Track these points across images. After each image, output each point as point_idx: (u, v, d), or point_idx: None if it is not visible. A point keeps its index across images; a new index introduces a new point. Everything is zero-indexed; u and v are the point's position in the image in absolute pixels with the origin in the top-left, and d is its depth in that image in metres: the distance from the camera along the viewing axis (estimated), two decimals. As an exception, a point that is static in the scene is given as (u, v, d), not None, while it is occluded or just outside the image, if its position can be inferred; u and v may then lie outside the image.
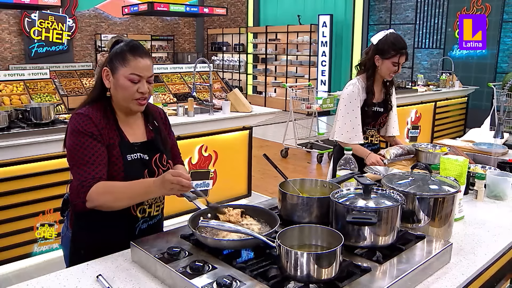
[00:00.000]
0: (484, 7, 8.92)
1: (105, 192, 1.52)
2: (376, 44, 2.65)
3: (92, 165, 1.53)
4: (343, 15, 11.18)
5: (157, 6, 9.89)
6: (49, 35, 11.85)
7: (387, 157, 2.62)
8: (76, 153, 1.55)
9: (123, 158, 1.61)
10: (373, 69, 2.69)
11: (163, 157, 1.73)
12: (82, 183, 1.52)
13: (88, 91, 10.65)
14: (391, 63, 2.62)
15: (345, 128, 2.70)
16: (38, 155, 3.25)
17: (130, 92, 1.59)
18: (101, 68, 1.64)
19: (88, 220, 1.66)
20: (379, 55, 2.64)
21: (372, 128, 2.84)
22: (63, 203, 1.78)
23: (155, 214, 1.76)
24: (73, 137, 1.57)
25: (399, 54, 2.60)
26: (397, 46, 2.59)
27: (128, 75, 1.58)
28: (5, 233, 3.21)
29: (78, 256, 1.61)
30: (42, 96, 6.46)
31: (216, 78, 7.14)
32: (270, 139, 8.24)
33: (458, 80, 7.85)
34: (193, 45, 15.35)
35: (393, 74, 2.68)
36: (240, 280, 1.21)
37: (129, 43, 1.62)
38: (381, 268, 1.31)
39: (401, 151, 2.66)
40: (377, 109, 2.77)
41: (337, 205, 1.44)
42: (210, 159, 4.34)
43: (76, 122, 1.58)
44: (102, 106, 1.64)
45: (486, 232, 1.75)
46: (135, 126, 1.72)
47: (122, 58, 1.58)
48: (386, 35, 2.64)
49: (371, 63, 2.68)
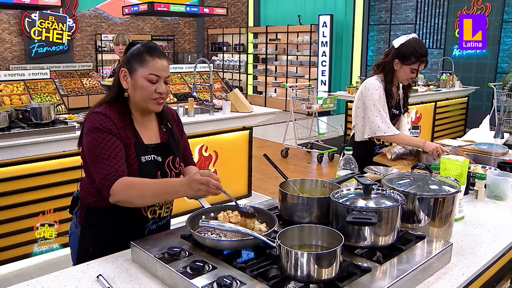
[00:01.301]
0: (484, 7, 8.92)
1: (130, 187, 1.51)
2: (398, 48, 2.60)
3: (114, 159, 1.54)
4: (343, 15, 11.17)
5: (157, 6, 9.88)
6: (49, 35, 11.84)
7: (388, 155, 2.63)
8: (96, 148, 1.55)
9: (137, 159, 1.62)
10: (392, 72, 2.65)
11: (176, 159, 1.75)
12: (105, 176, 1.51)
13: (88, 91, 10.73)
14: (410, 70, 2.59)
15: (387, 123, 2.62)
16: (38, 155, 3.25)
17: (149, 92, 1.61)
18: (118, 69, 1.67)
19: (99, 218, 1.68)
20: (399, 59, 2.60)
21: None
22: (72, 201, 1.78)
23: (165, 215, 1.78)
24: (92, 134, 1.57)
25: (420, 62, 2.57)
26: (419, 53, 2.55)
27: (147, 75, 1.60)
28: (5, 233, 3.21)
29: (86, 253, 1.62)
30: (42, 96, 6.46)
31: (216, 78, 7.14)
32: (270, 139, 8.24)
33: (458, 80, 7.85)
34: (193, 45, 15.35)
35: (410, 80, 2.66)
36: (240, 280, 1.21)
37: (146, 44, 1.66)
38: (381, 268, 1.31)
39: (403, 150, 2.67)
40: (394, 112, 2.75)
41: (337, 205, 1.44)
42: (210, 159, 4.34)
43: (95, 120, 1.59)
44: (119, 106, 1.66)
45: (486, 232, 1.75)
46: (149, 128, 1.74)
47: (140, 58, 1.61)
48: (409, 40, 2.59)
49: (390, 66, 2.64)
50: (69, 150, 3.36)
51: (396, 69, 2.64)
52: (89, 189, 1.68)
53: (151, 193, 1.52)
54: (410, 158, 2.67)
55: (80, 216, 1.73)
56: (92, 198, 1.66)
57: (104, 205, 1.61)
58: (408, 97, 2.84)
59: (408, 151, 2.68)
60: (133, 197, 1.52)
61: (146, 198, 1.54)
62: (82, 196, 1.72)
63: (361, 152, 2.60)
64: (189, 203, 2.09)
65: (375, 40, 10.97)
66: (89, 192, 1.68)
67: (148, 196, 1.53)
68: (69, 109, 6.84)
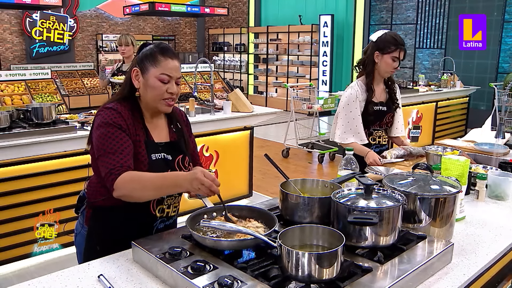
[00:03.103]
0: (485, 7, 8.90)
1: (132, 180, 1.51)
2: (376, 41, 2.69)
3: (120, 154, 1.55)
4: (344, 15, 11.17)
5: (158, 6, 9.89)
6: (50, 35, 11.86)
7: (388, 157, 2.63)
8: (104, 142, 1.56)
9: (148, 156, 1.63)
10: (372, 66, 2.72)
11: (186, 159, 1.76)
12: (110, 171, 1.52)
13: (89, 91, 10.73)
14: (391, 58, 2.65)
15: (342, 129, 2.75)
16: (39, 155, 3.25)
17: (160, 92, 1.63)
18: (130, 68, 1.69)
19: (107, 216, 1.68)
20: (379, 51, 2.67)
21: (379, 129, 2.84)
22: (78, 200, 1.79)
23: (172, 214, 1.79)
24: (101, 129, 1.59)
25: (399, 49, 2.64)
26: (397, 41, 2.64)
27: (159, 75, 1.62)
28: (5, 233, 3.21)
29: (94, 252, 1.62)
30: (43, 96, 6.47)
31: (217, 78, 7.15)
32: (271, 139, 8.23)
33: (459, 80, 7.84)
34: (194, 45, 15.36)
35: (393, 70, 2.70)
36: (241, 280, 1.21)
37: (159, 44, 1.68)
38: (382, 268, 1.31)
39: (402, 152, 2.67)
40: (380, 108, 2.78)
41: (339, 205, 1.44)
42: (211, 159, 4.34)
43: (106, 115, 1.60)
44: (130, 105, 1.67)
45: (487, 232, 1.75)
46: (159, 127, 1.75)
47: (152, 58, 1.63)
48: (385, 33, 2.70)
49: (370, 60, 2.71)
50: (70, 150, 3.37)
51: (377, 62, 2.70)
52: (98, 188, 1.68)
53: (152, 186, 1.52)
54: (412, 159, 2.67)
55: (87, 216, 1.74)
56: (100, 197, 1.67)
57: (112, 204, 1.62)
58: (394, 93, 2.87)
59: (408, 153, 2.69)
60: (135, 190, 1.52)
61: (147, 191, 1.53)
62: (90, 195, 1.72)
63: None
64: (190, 203, 2.09)
65: (376, 40, 10.96)
66: (97, 191, 1.68)
67: (149, 188, 1.52)
68: (70, 109, 6.85)
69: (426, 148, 2.70)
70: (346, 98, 2.74)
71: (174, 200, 1.77)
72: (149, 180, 1.51)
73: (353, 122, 2.72)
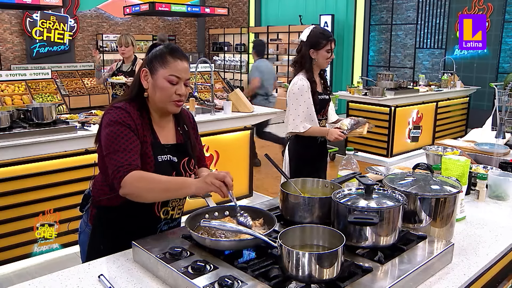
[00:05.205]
0: (486, 7, 8.91)
1: (140, 179, 1.51)
2: (307, 40, 2.91)
3: (129, 152, 1.55)
4: (344, 15, 11.16)
5: (159, 6, 9.89)
6: (50, 35, 11.86)
7: (344, 128, 2.89)
8: (113, 141, 1.56)
9: (154, 157, 1.64)
10: (310, 62, 2.95)
11: (191, 161, 1.76)
12: (118, 168, 1.52)
13: (90, 91, 10.72)
14: (325, 51, 2.90)
15: (300, 118, 2.93)
16: (39, 155, 3.25)
17: (168, 93, 1.63)
18: (139, 69, 1.69)
19: (111, 216, 1.68)
20: (313, 48, 2.90)
21: (322, 118, 3.08)
22: (83, 199, 1.79)
23: (177, 216, 1.79)
24: (110, 127, 1.59)
25: (329, 41, 2.89)
26: (325, 35, 2.90)
27: (168, 76, 1.62)
28: (5, 233, 3.21)
29: (97, 251, 1.62)
30: (43, 96, 6.48)
31: (217, 78, 7.14)
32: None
33: (459, 80, 7.84)
34: (194, 45, 15.36)
35: (329, 60, 2.95)
36: (241, 280, 1.21)
37: (168, 45, 1.68)
38: (383, 268, 1.31)
39: (352, 121, 2.96)
40: (323, 97, 3.04)
41: (339, 205, 1.44)
42: (211, 159, 4.34)
43: (115, 114, 1.60)
44: (138, 105, 1.68)
45: (488, 233, 1.75)
46: (166, 128, 1.75)
47: (162, 59, 1.63)
48: (311, 30, 2.93)
49: (307, 58, 2.93)
50: (70, 150, 3.37)
51: (314, 58, 2.93)
52: (103, 187, 1.68)
53: (160, 187, 1.53)
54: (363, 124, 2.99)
55: (92, 214, 1.74)
56: (105, 196, 1.67)
57: (117, 203, 1.62)
58: (326, 81, 3.14)
59: (356, 122, 2.99)
60: (141, 189, 1.52)
61: (154, 192, 1.54)
62: (95, 194, 1.73)
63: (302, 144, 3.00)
64: (191, 202, 2.09)
65: (376, 40, 10.97)
66: (102, 190, 1.69)
67: (156, 190, 1.53)
68: (70, 109, 6.86)
69: (426, 148, 2.70)
70: (298, 90, 2.91)
71: (179, 202, 1.77)
72: (156, 181, 1.52)
73: (307, 110, 2.93)
